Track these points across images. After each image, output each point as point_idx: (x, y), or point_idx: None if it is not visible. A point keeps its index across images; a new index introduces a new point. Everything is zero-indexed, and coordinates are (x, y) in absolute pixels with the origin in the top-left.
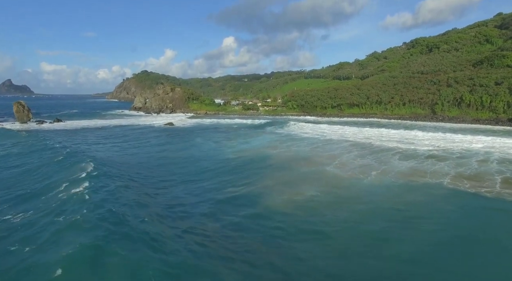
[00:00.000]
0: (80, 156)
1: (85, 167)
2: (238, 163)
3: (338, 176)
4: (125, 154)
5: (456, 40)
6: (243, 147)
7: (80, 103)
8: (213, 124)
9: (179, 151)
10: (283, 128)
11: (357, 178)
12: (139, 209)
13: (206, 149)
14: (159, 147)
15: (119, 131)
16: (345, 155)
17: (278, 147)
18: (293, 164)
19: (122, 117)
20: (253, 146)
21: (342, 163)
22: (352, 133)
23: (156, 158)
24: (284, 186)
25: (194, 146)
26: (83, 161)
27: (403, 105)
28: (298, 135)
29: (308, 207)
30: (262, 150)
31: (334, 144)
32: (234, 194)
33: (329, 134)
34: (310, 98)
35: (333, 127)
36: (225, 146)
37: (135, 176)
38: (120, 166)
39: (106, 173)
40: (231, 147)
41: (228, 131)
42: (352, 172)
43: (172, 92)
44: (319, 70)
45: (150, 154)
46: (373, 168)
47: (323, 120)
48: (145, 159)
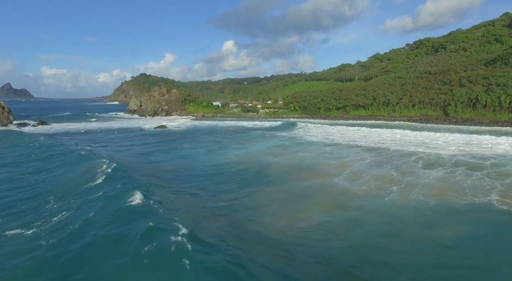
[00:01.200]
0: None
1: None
2: (228, 175)
3: (349, 192)
4: None
5: (463, 39)
6: (238, 154)
7: (76, 106)
8: (209, 127)
9: (161, 161)
10: (286, 131)
11: (374, 195)
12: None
13: (193, 156)
14: (139, 157)
15: (103, 136)
16: (357, 163)
17: (279, 153)
18: (295, 175)
19: (113, 120)
20: (250, 152)
21: (354, 173)
22: (363, 136)
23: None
24: (281, 207)
25: (179, 153)
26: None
27: (412, 107)
28: (303, 139)
29: (309, 239)
30: (260, 158)
31: (344, 149)
32: (216, 219)
33: (337, 138)
34: (313, 99)
35: (341, 130)
36: (217, 153)
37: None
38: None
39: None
40: (223, 155)
41: (224, 135)
42: (368, 186)
43: (168, 94)
44: (320, 72)
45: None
46: (394, 181)
47: (328, 123)
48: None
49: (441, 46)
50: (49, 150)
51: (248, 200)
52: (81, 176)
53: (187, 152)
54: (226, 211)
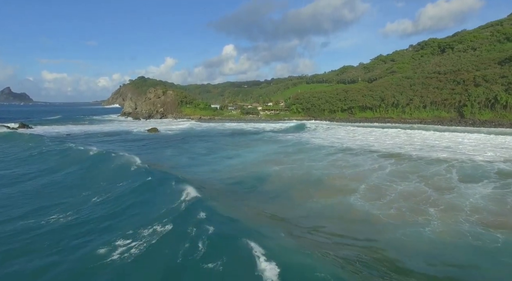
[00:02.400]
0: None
1: None
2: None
3: (372, 217)
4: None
5: (472, 39)
6: (230, 163)
7: (72, 109)
8: (204, 130)
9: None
10: (290, 134)
11: (408, 223)
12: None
13: (172, 167)
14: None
15: (84, 140)
16: (375, 174)
17: (281, 162)
18: (299, 192)
19: (103, 123)
20: (246, 161)
21: (374, 188)
22: (376, 139)
23: (82, 185)
24: (277, 243)
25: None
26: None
27: (423, 108)
28: (310, 143)
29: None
30: (257, 168)
31: (358, 155)
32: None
33: (347, 141)
34: (317, 100)
35: (350, 132)
36: (203, 162)
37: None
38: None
39: None
40: (211, 164)
41: (219, 139)
42: (396, 208)
43: (164, 95)
44: (321, 74)
45: (74, 180)
46: (429, 200)
47: (335, 125)
48: (59, 188)
49: (448, 46)
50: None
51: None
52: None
53: (168, 161)
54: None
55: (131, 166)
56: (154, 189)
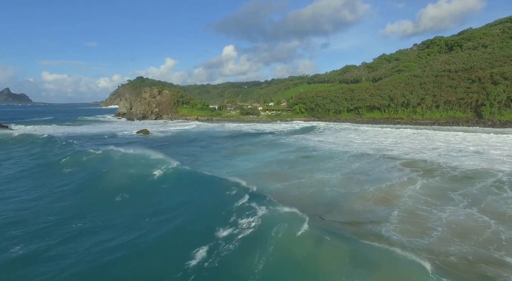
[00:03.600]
0: None
1: None
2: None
3: (421, 273)
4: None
5: (481, 36)
6: (217, 174)
7: (68, 110)
8: (200, 132)
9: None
10: (294, 136)
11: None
12: None
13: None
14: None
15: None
16: (406, 192)
17: (284, 175)
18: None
19: (93, 124)
20: (238, 172)
21: (410, 215)
22: (393, 142)
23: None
24: None
25: (126, 182)
26: None
27: (436, 108)
28: (318, 148)
29: None
30: (254, 182)
31: (377, 163)
32: None
33: (360, 144)
34: (321, 100)
35: (361, 134)
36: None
37: None
38: None
39: None
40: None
41: (213, 143)
42: (457, 257)
43: (160, 95)
44: (322, 74)
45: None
46: (500, 241)
47: (342, 126)
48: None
49: (456, 44)
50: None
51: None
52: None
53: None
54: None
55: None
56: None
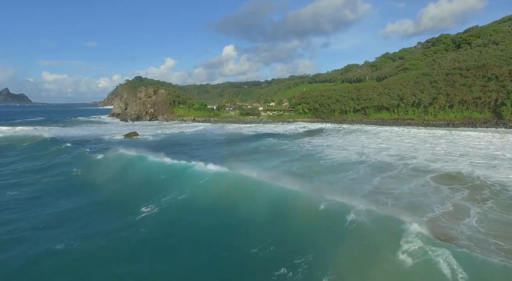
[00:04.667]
0: None
1: None
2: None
3: None
4: None
5: (491, 33)
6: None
7: (65, 110)
8: (194, 135)
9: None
10: (298, 140)
11: None
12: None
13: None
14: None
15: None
16: (461, 229)
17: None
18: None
19: (82, 125)
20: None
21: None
22: (412, 147)
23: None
24: None
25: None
26: None
27: (449, 108)
28: (326, 155)
29: None
30: (242, 211)
31: (401, 177)
32: None
33: (375, 150)
34: (325, 100)
35: (372, 136)
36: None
37: None
38: None
39: None
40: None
41: (203, 149)
42: None
43: (155, 95)
44: (324, 74)
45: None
46: None
47: (350, 127)
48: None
49: (464, 42)
50: None
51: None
52: None
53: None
54: None
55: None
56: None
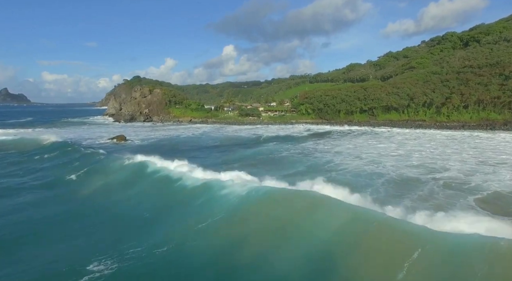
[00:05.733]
0: None
1: None
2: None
3: None
4: None
5: (501, 30)
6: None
7: (61, 110)
8: (188, 138)
9: None
10: (301, 145)
11: None
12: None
13: None
14: None
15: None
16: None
17: (283, 233)
18: None
19: (69, 127)
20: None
21: None
22: (434, 153)
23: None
24: None
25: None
26: None
27: (464, 108)
28: (336, 166)
29: None
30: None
31: (436, 198)
32: None
33: (393, 158)
34: (330, 99)
35: (384, 140)
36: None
37: None
38: None
39: None
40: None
41: (193, 156)
42: None
43: (151, 94)
44: (325, 73)
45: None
46: None
47: (359, 129)
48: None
49: (473, 39)
50: None
51: None
52: None
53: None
54: None
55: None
56: None
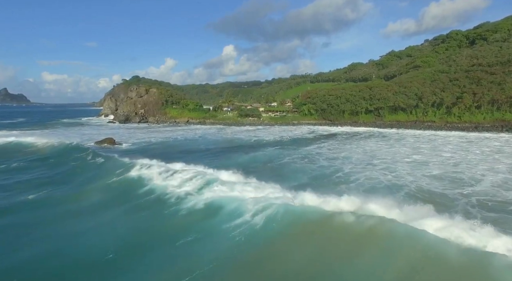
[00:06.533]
0: None
1: None
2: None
3: None
4: None
5: (509, 27)
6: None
7: (58, 110)
8: (181, 141)
9: None
10: (304, 149)
11: None
12: None
13: None
14: None
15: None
16: None
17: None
18: None
19: (60, 128)
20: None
21: None
22: (455, 160)
23: None
24: None
25: None
26: None
27: (477, 109)
28: (346, 176)
29: None
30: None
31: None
32: None
33: (409, 166)
34: (334, 99)
35: (397, 144)
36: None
37: None
38: None
39: None
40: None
41: (178, 160)
42: None
43: (147, 94)
44: (326, 73)
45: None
46: None
47: (371, 130)
48: None
49: (480, 37)
50: None
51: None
52: None
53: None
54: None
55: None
56: None
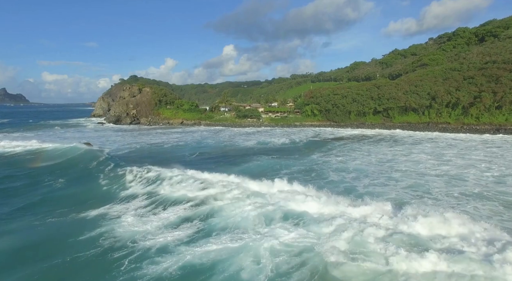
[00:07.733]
0: None
1: None
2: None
3: None
4: None
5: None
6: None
7: (55, 110)
8: (172, 147)
9: None
10: (307, 158)
11: None
12: None
13: None
14: None
15: None
16: None
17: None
18: None
19: (39, 130)
20: None
21: None
22: (495, 171)
23: None
24: None
25: None
26: None
27: (497, 109)
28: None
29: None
30: None
31: None
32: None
33: (441, 182)
34: (340, 99)
35: (414, 150)
36: None
37: None
38: None
39: None
40: None
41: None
42: None
43: (140, 94)
44: (328, 72)
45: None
46: None
47: (382, 133)
48: None
49: (489, 34)
50: None
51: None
52: None
53: None
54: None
55: None
56: None
